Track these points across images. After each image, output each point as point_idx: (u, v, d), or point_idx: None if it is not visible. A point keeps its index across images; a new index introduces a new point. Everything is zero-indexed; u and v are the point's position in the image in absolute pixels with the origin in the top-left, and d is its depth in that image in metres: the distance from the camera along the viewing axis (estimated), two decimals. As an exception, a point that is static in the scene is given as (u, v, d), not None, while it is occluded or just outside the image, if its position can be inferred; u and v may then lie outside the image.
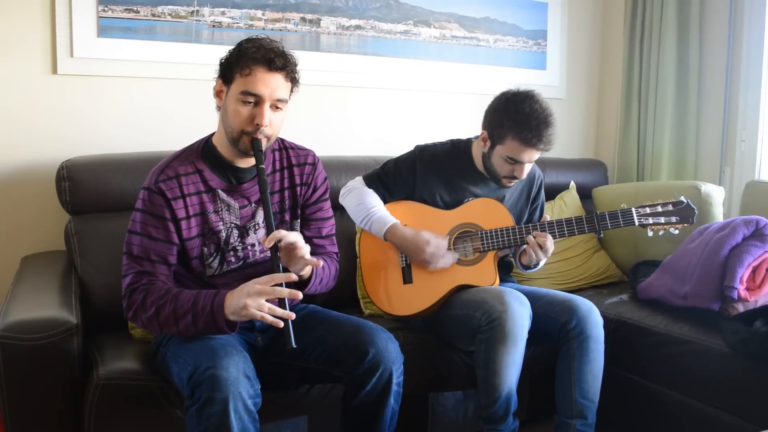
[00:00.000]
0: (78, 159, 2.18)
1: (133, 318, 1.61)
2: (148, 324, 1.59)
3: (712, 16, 2.97)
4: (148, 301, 1.57)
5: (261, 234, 1.75)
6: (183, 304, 1.55)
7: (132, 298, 1.60)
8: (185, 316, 1.55)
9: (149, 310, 1.57)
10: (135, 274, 1.61)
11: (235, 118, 1.60)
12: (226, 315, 1.53)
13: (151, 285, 1.60)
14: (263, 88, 1.58)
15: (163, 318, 1.56)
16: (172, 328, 1.57)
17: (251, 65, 1.58)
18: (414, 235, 2.06)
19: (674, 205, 2.00)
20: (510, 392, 1.88)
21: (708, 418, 2.00)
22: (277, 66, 1.59)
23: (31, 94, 2.27)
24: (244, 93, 1.58)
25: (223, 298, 1.53)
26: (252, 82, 1.58)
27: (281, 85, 1.62)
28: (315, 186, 1.83)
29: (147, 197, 1.64)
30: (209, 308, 1.53)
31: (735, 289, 2.06)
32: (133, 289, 1.60)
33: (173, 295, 1.57)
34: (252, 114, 1.60)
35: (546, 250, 2.00)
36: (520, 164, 2.02)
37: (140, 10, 2.40)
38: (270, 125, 1.62)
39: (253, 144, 1.61)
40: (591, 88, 3.47)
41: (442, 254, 2.05)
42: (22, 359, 1.57)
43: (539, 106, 1.97)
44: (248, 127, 1.60)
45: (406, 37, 2.93)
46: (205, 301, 1.55)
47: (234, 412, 1.42)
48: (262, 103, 1.60)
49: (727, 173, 2.96)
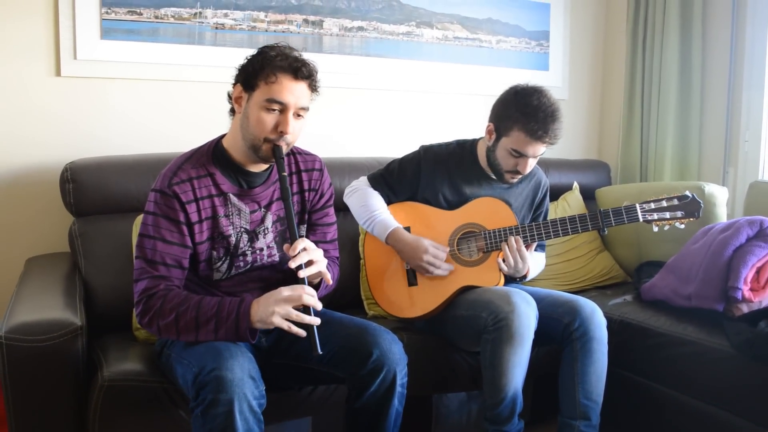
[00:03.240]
0: (82, 161, 2.18)
1: (148, 323, 1.59)
2: (165, 330, 1.57)
3: (715, 15, 2.97)
4: (167, 307, 1.56)
5: (269, 239, 1.75)
6: (206, 311, 1.55)
7: (149, 304, 1.58)
8: (208, 323, 1.55)
9: (168, 316, 1.55)
10: (150, 278, 1.59)
11: (258, 126, 1.60)
12: (252, 323, 1.53)
13: (169, 291, 1.59)
14: (289, 96, 1.59)
15: (183, 324, 1.55)
16: (191, 335, 1.56)
17: (277, 73, 1.58)
18: (414, 242, 2.07)
19: (679, 200, 1.99)
20: (516, 393, 1.88)
21: (712, 419, 2.00)
22: (303, 75, 1.61)
23: (35, 97, 2.27)
24: (269, 101, 1.59)
25: (249, 306, 1.54)
26: (278, 90, 1.58)
27: (305, 94, 1.63)
28: (322, 192, 1.84)
29: (160, 200, 1.62)
30: (234, 315, 1.54)
31: (739, 290, 2.06)
32: (150, 294, 1.58)
33: (195, 301, 1.56)
34: (276, 122, 1.60)
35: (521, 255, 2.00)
36: (525, 158, 2.02)
37: (143, 12, 2.41)
38: (292, 133, 1.63)
39: (275, 151, 1.62)
40: (594, 88, 3.47)
41: (438, 264, 2.06)
42: (27, 361, 1.57)
43: (547, 100, 1.98)
44: (272, 134, 1.61)
45: (409, 39, 2.94)
46: (230, 308, 1.55)
47: (239, 413, 1.42)
48: (287, 111, 1.60)
49: (731, 174, 2.96)
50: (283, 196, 1.63)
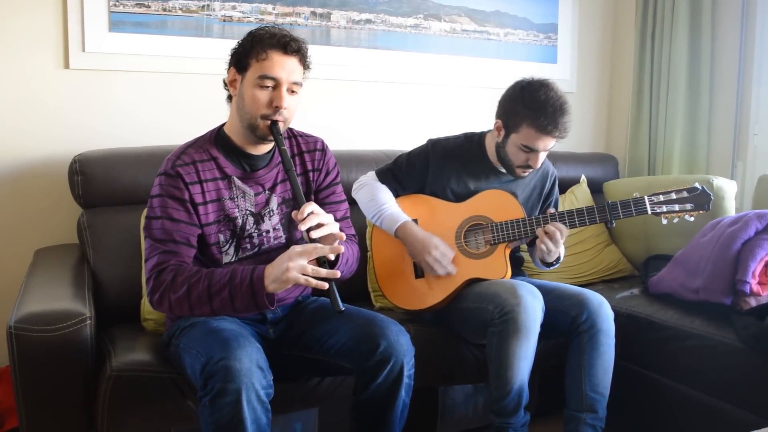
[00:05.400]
0: (90, 153, 2.19)
1: (159, 300, 1.57)
2: (177, 305, 1.56)
3: (725, 8, 2.95)
4: (179, 279, 1.55)
5: (275, 221, 1.76)
6: (218, 280, 1.54)
7: (160, 279, 1.57)
8: (221, 291, 1.53)
9: (179, 289, 1.54)
10: (161, 253, 1.59)
11: (253, 103, 1.63)
12: (266, 286, 1.51)
13: (180, 266, 1.58)
14: (280, 71, 1.62)
15: (195, 296, 1.54)
16: (204, 307, 1.55)
17: (267, 50, 1.61)
18: (424, 237, 2.06)
19: (689, 192, 1.97)
20: (522, 385, 1.88)
21: (719, 413, 1.99)
22: (293, 49, 1.64)
23: (44, 89, 2.28)
24: (262, 77, 1.61)
25: (263, 271, 1.53)
26: (269, 66, 1.61)
27: (296, 68, 1.65)
28: (327, 170, 1.85)
29: (165, 181, 1.64)
30: (248, 281, 1.52)
31: (747, 284, 2.05)
32: (161, 269, 1.58)
33: (207, 272, 1.56)
34: (270, 98, 1.63)
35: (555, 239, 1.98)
36: (535, 153, 2.02)
37: (151, 5, 2.41)
38: (287, 108, 1.65)
39: (272, 127, 1.64)
40: (602, 81, 3.45)
41: (444, 263, 2.05)
42: (36, 351, 1.58)
43: (554, 93, 1.97)
44: (267, 110, 1.63)
45: (417, 31, 2.93)
46: (243, 274, 1.53)
47: (247, 403, 1.43)
48: (280, 86, 1.63)
49: (740, 167, 2.94)
50: (285, 167, 1.65)
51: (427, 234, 2.07)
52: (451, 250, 2.08)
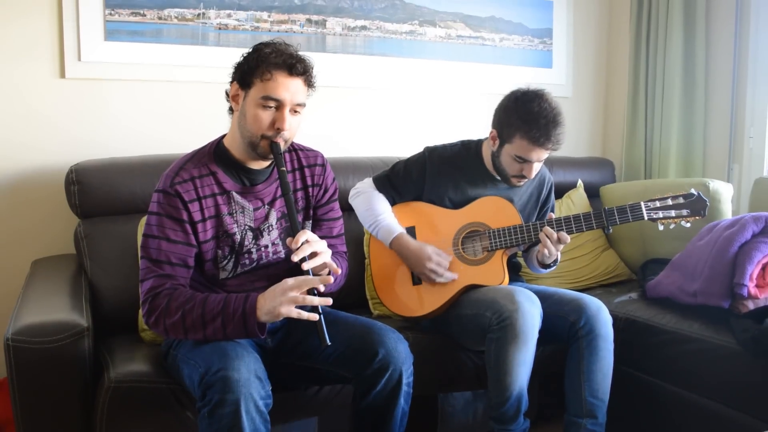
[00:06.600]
0: (87, 162, 2.19)
1: (154, 323, 1.58)
2: (172, 329, 1.57)
3: (719, 12, 2.95)
4: (173, 305, 1.56)
5: (274, 235, 1.75)
6: (212, 308, 1.55)
7: (155, 303, 1.57)
8: (214, 320, 1.54)
9: (174, 315, 1.55)
10: (156, 277, 1.59)
11: (255, 123, 1.61)
12: (258, 317, 1.53)
13: (175, 290, 1.59)
14: (284, 93, 1.60)
15: (189, 322, 1.55)
16: (198, 333, 1.56)
17: (272, 70, 1.59)
18: (417, 249, 2.07)
19: (685, 198, 1.97)
20: (521, 392, 1.88)
21: (718, 417, 2.00)
22: (298, 71, 1.61)
23: (40, 99, 2.28)
24: (265, 98, 1.59)
25: (255, 301, 1.54)
26: (273, 87, 1.59)
27: (300, 90, 1.63)
28: (326, 187, 1.84)
29: (163, 200, 1.62)
30: (241, 311, 1.53)
31: (745, 287, 2.05)
32: (156, 293, 1.58)
33: (201, 299, 1.56)
34: (273, 118, 1.61)
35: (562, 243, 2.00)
36: (529, 163, 2.02)
37: (147, 14, 2.41)
38: (289, 129, 1.63)
39: (273, 148, 1.62)
40: (597, 86, 3.46)
41: (441, 272, 2.05)
42: (34, 362, 1.58)
43: (548, 105, 1.97)
44: (268, 131, 1.61)
45: (412, 37, 2.93)
46: (236, 304, 1.54)
47: (245, 413, 1.43)
48: (283, 107, 1.61)
49: (736, 170, 2.95)
50: (283, 190, 1.63)
51: (419, 245, 2.08)
52: (447, 257, 2.08)
